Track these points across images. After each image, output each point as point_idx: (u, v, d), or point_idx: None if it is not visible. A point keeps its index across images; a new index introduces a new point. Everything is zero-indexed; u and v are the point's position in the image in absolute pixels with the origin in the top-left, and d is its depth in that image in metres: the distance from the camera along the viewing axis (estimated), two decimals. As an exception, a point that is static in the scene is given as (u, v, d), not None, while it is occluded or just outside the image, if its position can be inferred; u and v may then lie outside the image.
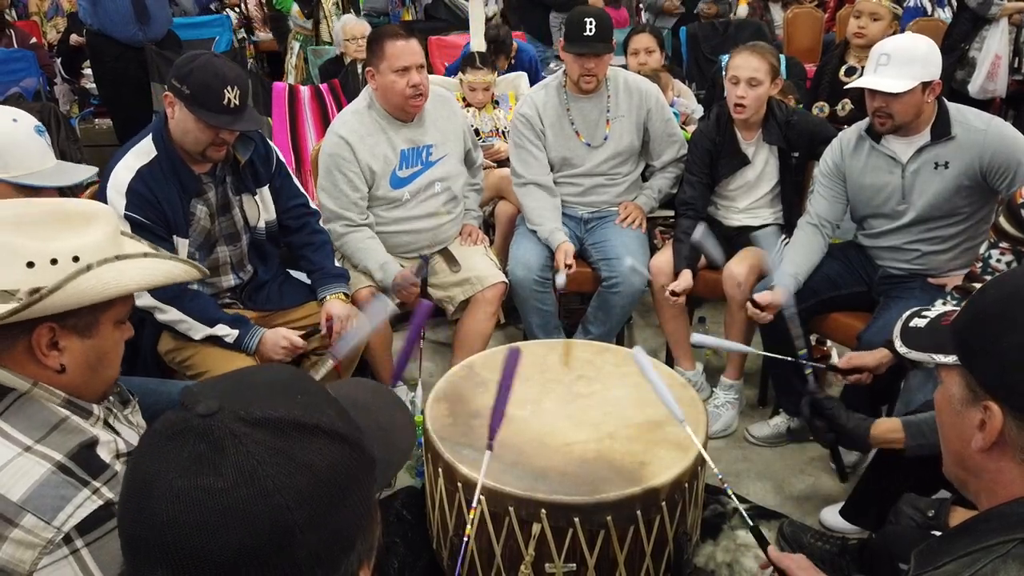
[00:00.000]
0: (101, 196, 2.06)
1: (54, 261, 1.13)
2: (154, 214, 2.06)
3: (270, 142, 2.35)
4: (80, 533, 1.05)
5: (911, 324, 1.13)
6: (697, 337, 2.05)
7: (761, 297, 2.39)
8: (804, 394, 1.99)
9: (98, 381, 1.23)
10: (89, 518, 1.06)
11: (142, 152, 2.09)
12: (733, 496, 1.63)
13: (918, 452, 1.81)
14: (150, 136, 2.11)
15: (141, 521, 0.67)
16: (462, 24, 5.23)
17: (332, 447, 0.70)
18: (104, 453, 1.16)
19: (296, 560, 0.66)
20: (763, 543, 1.46)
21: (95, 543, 1.06)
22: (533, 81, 3.95)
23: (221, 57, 2.15)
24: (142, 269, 1.23)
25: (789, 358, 2.15)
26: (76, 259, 1.14)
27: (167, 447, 0.68)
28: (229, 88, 2.01)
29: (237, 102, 2.04)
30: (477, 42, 4.01)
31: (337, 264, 2.52)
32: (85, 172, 1.88)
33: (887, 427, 1.88)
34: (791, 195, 2.83)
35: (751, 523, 1.53)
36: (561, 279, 2.65)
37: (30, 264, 1.12)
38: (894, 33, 3.30)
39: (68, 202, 1.25)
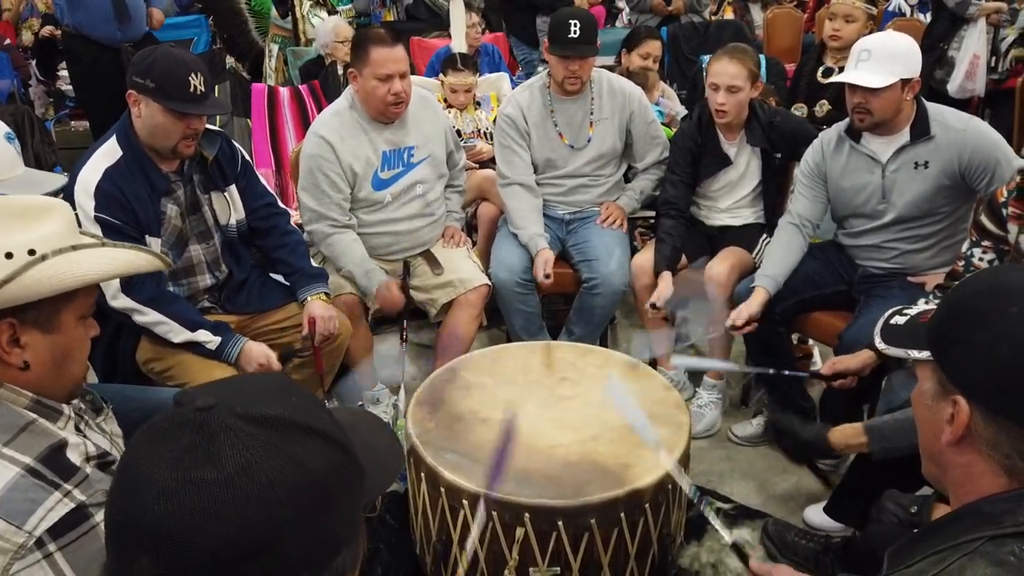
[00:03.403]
0: (68, 199, 2.01)
1: (9, 255, 1.11)
2: (124, 214, 2.02)
3: (234, 141, 2.33)
4: (53, 537, 1.04)
5: (891, 321, 1.14)
6: (678, 360, 2.06)
7: (737, 316, 2.38)
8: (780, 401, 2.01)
9: (64, 378, 1.21)
10: (61, 522, 1.04)
11: (107, 153, 2.06)
12: (719, 525, 1.58)
13: (885, 456, 1.82)
14: (114, 137, 2.08)
15: (130, 510, 0.66)
16: (443, 24, 5.21)
17: (325, 449, 0.71)
18: (74, 456, 1.15)
19: (284, 557, 0.66)
20: (744, 558, 1.45)
21: (69, 547, 1.04)
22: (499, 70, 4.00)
23: (177, 47, 2.13)
24: (100, 258, 1.21)
25: (771, 370, 2.16)
26: (32, 252, 1.13)
27: (161, 439, 0.68)
28: (194, 75, 2.00)
29: (203, 88, 2.02)
30: (458, 43, 4.00)
31: (316, 265, 2.50)
32: (54, 183, 1.86)
33: (848, 433, 1.89)
34: (773, 195, 2.84)
35: (730, 541, 1.51)
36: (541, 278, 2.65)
37: None
38: (870, 34, 3.31)
39: (23, 198, 1.23)
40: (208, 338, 2.10)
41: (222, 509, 0.64)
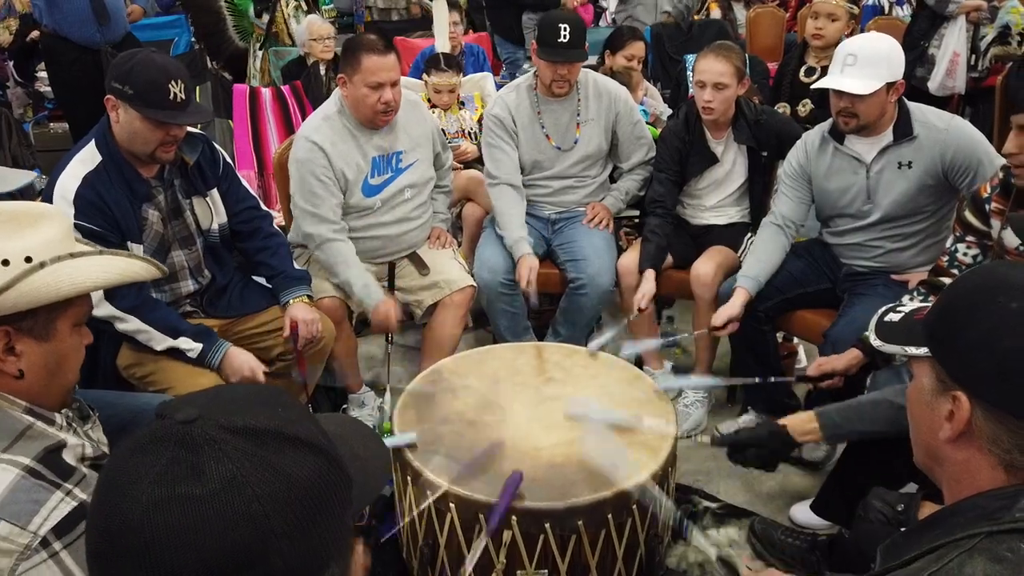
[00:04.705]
0: None
1: (5, 262, 1.11)
2: (105, 220, 2.00)
3: (215, 144, 2.30)
4: (57, 536, 1.04)
5: (886, 319, 1.14)
6: (663, 381, 2.07)
7: (717, 319, 2.40)
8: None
9: (57, 387, 1.22)
10: (65, 520, 1.05)
11: (86, 159, 2.03)
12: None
13: (836, 442, 1.83)
14: (93, 142, 2.05)
15: (112, 527, 0.65)
16: (426, 24, 5.20)
17: (311, 459, 0.69)
18: (70, 457, 1.15)
19: (270, 572, 0.65)
20: (732, 570, 1.45)
21: (74, 544, 1.05)
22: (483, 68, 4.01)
23: (158, 52, 2.09)
24: (97, 267, 1.21)
25: (756, 379, 2.16)
26: (28, 259, 1.12)
27: (143, 453, 0.66)
28: (174, 82, 1.96)
29: (183, 96, 1.99)
30: (441, 43, 3.98)
31: (302, 268, 2.48)
32: (23, 178, 1.84)
33: (801, 420, 1.90)
34: (759, 193, 2.85)
35: (714, 556, 1.52)
36: (533, 299, 2.66)
37: None
38: (851, 33, 3.32)
39: (17, 204, 1.23)
40: (190, 346, 2.07)
41: (207, 524, 0.63)
